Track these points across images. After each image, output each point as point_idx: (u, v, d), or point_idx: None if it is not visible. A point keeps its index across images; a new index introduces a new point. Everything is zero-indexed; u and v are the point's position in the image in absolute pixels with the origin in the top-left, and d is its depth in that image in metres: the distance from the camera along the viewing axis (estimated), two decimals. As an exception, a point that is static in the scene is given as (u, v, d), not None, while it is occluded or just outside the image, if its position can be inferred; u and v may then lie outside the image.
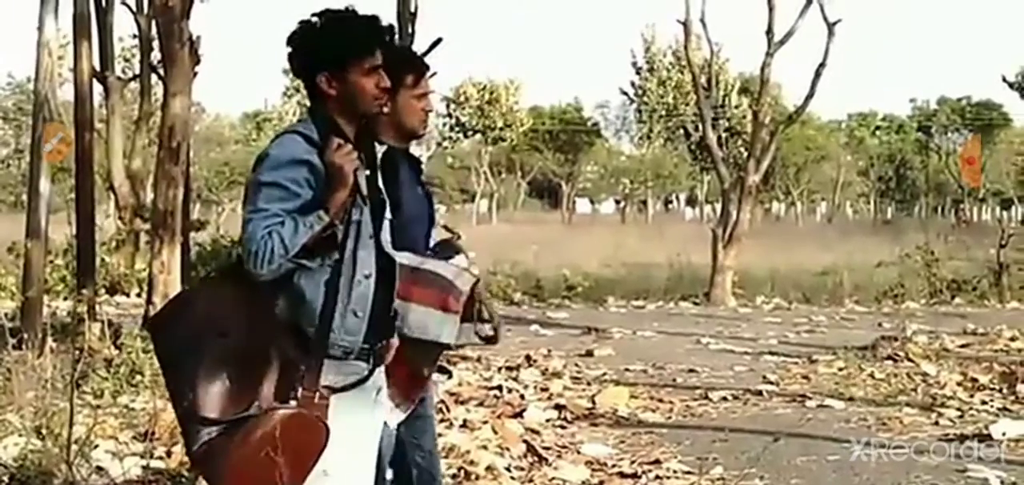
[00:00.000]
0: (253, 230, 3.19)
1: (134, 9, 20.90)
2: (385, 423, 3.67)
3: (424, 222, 4.12)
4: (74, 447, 5.62)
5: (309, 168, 3.26)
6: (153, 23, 16.26)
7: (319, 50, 3.34)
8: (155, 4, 12.18)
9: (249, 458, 3.12)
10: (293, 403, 3.19)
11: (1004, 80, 18.67)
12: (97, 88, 18.03)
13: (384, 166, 3.59)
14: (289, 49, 3.38)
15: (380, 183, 3.48)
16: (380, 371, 3.49)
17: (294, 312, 3.27)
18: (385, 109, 3.49)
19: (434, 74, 4.33)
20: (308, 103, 3.44)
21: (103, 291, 15.87)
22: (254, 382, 3.16)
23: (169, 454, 6.11)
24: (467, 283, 3.57)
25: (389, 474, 3.91)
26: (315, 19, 3.35)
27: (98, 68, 18.49)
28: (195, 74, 11.44)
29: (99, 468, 5.88)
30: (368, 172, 3.37)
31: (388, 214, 3.45)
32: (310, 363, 3.25)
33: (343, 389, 3.30)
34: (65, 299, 15.32)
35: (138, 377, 8.24)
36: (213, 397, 3.14)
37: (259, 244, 3.17)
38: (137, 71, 24.13)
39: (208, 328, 3.19)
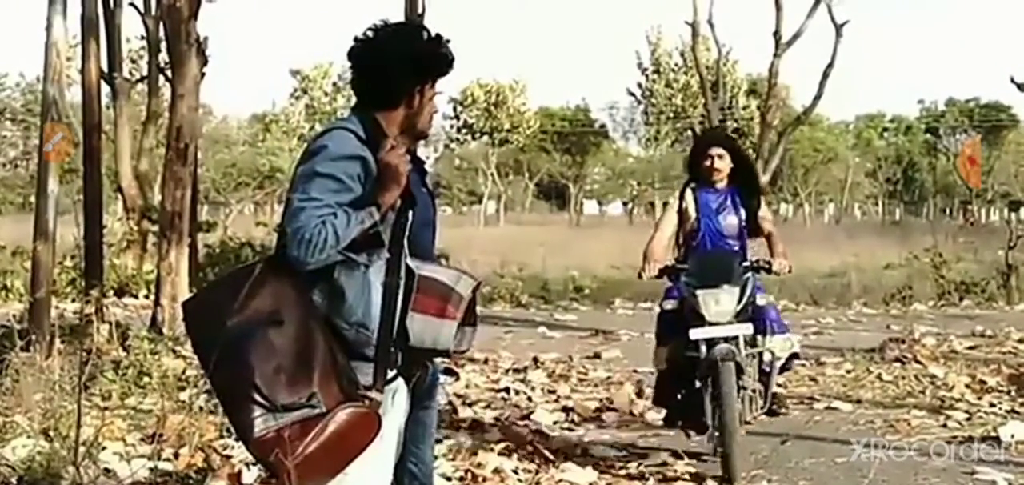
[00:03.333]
0: (306, 219, 3.20)
1: (142, 10, 20.95)
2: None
3: (430, 226, 4.10)
4: (82, 449, 5.63)
5: (362, 164, 3.30)
6: (161, 24, 16.29)
7: (424, 60, 3.45)
8: (163, 5, 12.19)
9: (322, 451, 3.14)
10: (365, 402, 3.23)
11: (1013, 81, 18.57)
12: (105, 89, 18.08)
13: None
14: (387, 52, 3.44)
15: None
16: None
17: (331, 308, 3.27)
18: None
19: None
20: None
21: (111, 292, 15.88)
22: (308, 372, 3.17)
23: (177, 456, 6.11)
24: (467, 287, 3.49)
25: None
26: (423, 31, 3.46)
27: (106, 69, 18.53)
28: (202, 75, 11.47)
29: (107, 470, 5.87)
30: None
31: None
32: (377, 360, 3.28)
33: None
34: (73, 301, 15.33)
35: (146, 379, 8.24)
36: (272, 383, 3.13)
37: (312, 232, 3.19)
38: (145, 72, 24.22)
39: (263, 314, 3.18)
